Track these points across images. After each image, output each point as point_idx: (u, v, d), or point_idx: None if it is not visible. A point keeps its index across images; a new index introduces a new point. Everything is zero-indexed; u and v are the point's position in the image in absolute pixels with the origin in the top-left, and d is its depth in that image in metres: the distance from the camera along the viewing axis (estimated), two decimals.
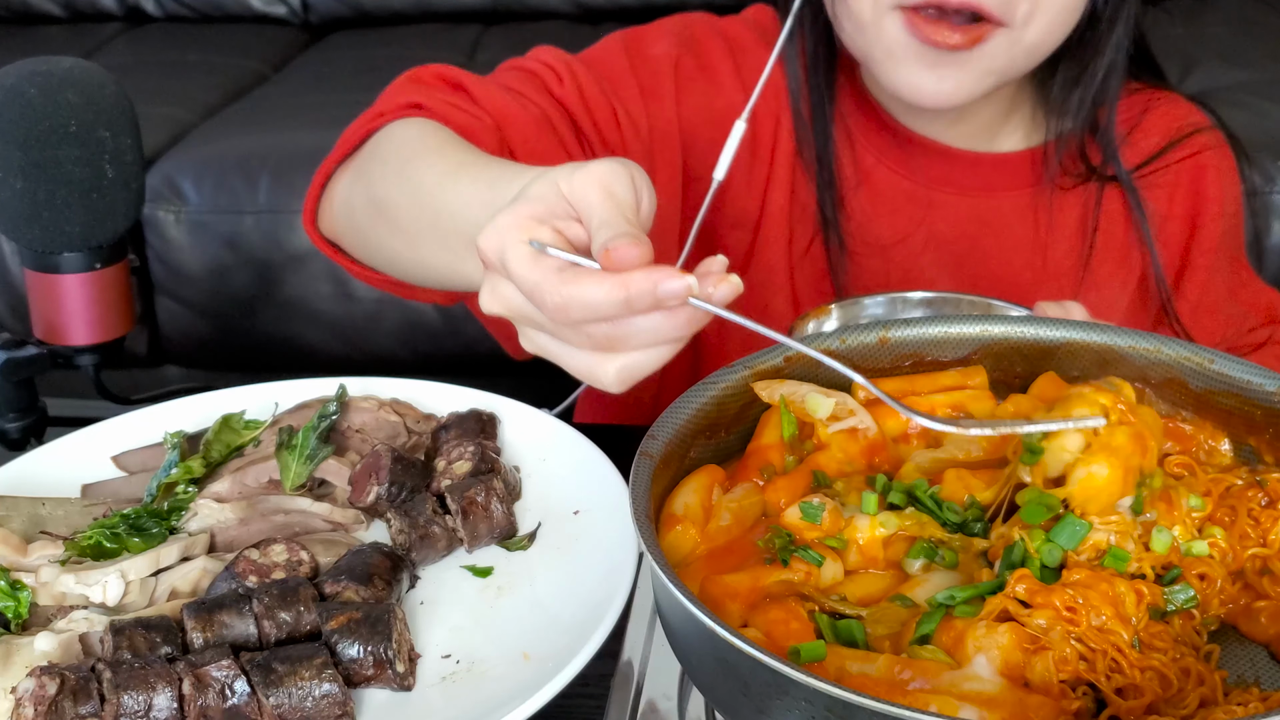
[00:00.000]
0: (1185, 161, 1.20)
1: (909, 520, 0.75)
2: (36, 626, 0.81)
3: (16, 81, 1.05)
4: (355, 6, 2.98)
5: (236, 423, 0.99)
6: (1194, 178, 1.21)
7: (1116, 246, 1.20)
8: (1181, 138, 1.20)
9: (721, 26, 1.22)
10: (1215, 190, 1.21)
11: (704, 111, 1.17)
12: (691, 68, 1.17)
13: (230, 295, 2.24)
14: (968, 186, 1.19)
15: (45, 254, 1.09)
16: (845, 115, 1.20)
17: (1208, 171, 1.21)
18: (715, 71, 1.18)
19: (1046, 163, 1.19)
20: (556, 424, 0.98)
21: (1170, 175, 1.20)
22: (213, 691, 0.72)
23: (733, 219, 1.20)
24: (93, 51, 2.81)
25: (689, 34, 1.20)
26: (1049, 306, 0.97)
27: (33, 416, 1.13)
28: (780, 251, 1.21)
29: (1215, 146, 1.22)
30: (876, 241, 1.20)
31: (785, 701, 0.60)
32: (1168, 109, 1.23)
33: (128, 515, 0.89)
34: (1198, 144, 1.21)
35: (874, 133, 1.20)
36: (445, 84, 1.08)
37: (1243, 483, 0.76)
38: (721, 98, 1.17)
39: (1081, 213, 1.20)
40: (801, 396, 0.83)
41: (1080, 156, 1.19)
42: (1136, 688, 0.65)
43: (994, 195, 1.20)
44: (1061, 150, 1.18)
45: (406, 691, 0.76)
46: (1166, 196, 1.20)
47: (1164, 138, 1.21)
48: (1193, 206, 1.21)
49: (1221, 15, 2.60)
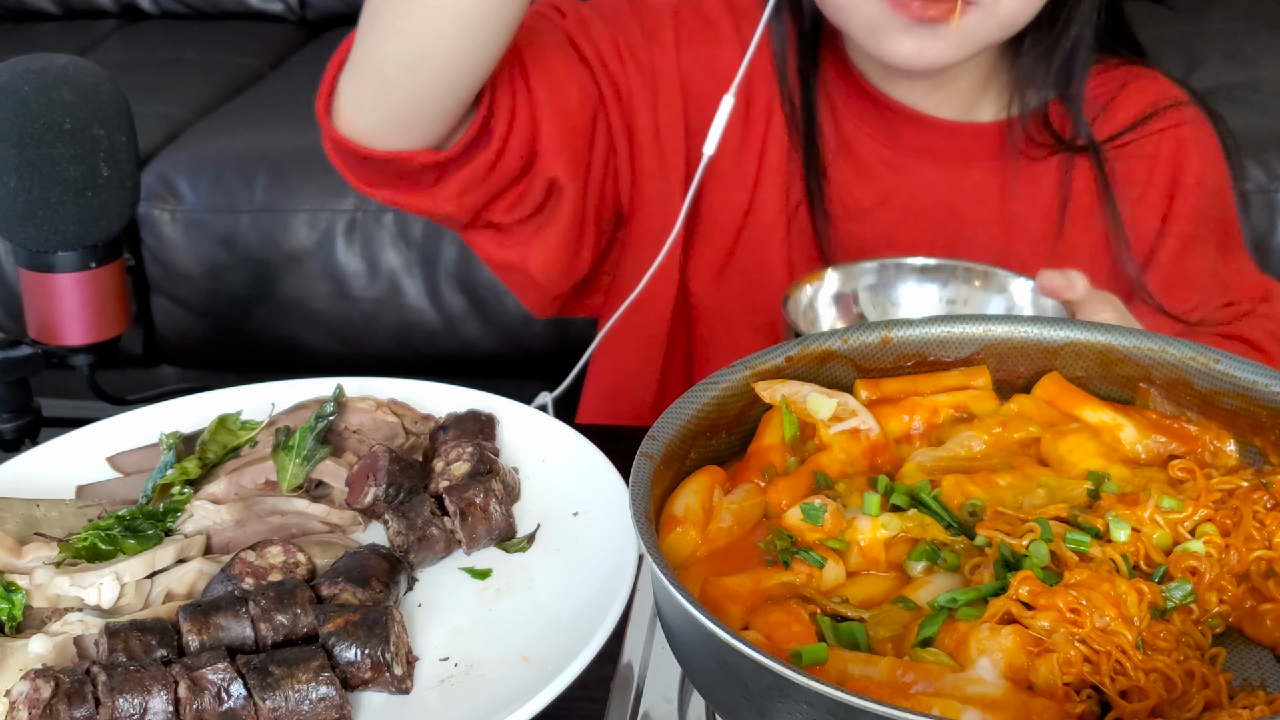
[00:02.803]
0: (1166, 133, 1.23)
1: (911, 522, 0.74)
2: (31, 629, 0.80)
3: (11, 79, 1.04)
4: (352, 3, 2.94)
5: (233, 423, 0.98)
6: (1174, 149, 1.23)
7: (1088, 216, 1.22)
8: (1159, 109, 1.23)
9: None
10: (1195, 163, 1.23)
11: (705, 62, 1.20)
12: (692, 19, 1.21)
13: (226, 295, 2.23)
14: (945, 155, 1.21)
15: (39, 253, 1.08)
16: (828, 83, 1.24)
17: (1187, 144, 1.23)
18: (716, 26, 1.21)
19: (1012, 133, 1.22)
20: (556, 425, 0.98)
21: (1150, 145, 1.23)
22: (209, 694, 0.71)
23: (730, 178, 1.23)
24: (88, 49, 2.80)
25: None
26: (1052, 275, 0.99)
27: (27, 417, 1.12)
28: (777, 210, 1.23)
29: (1195, 121, 1.24)
30: (856, 207, 1.23)
31: (786, 704, 0.60)
32: (1146, 84, 1.25)
33: (123, 517, 0.88)
34: (1177, 117, 1.23)
35: (855, 100, 1.23)
36: None
37: (1248, 485, 0.75)
38: (723, 51, 1.20)
39: (1055, 183, 1.23)
40: (803, 397, 0.82)
41: (1047, 127, 1.22)
42: (1141, 690, 0.65)
43: (970, 164, 1.22)
44: (1028, 121, 1.21)
45: (404, 694, 0.76)
46: (1147, 166, 1.23)
47: (1142, 110, 1.24)
48: (1172, 175, 1.23)
49: (1227, 12, 2.60)
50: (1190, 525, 0.74)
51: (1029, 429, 0.82)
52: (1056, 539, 0.71)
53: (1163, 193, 1.23)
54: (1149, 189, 1.23)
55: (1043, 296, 1.01)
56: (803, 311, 1.03)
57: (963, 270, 1.06)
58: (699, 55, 1.21)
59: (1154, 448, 0.81)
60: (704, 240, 1.25)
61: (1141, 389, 0.85)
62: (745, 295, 1.25)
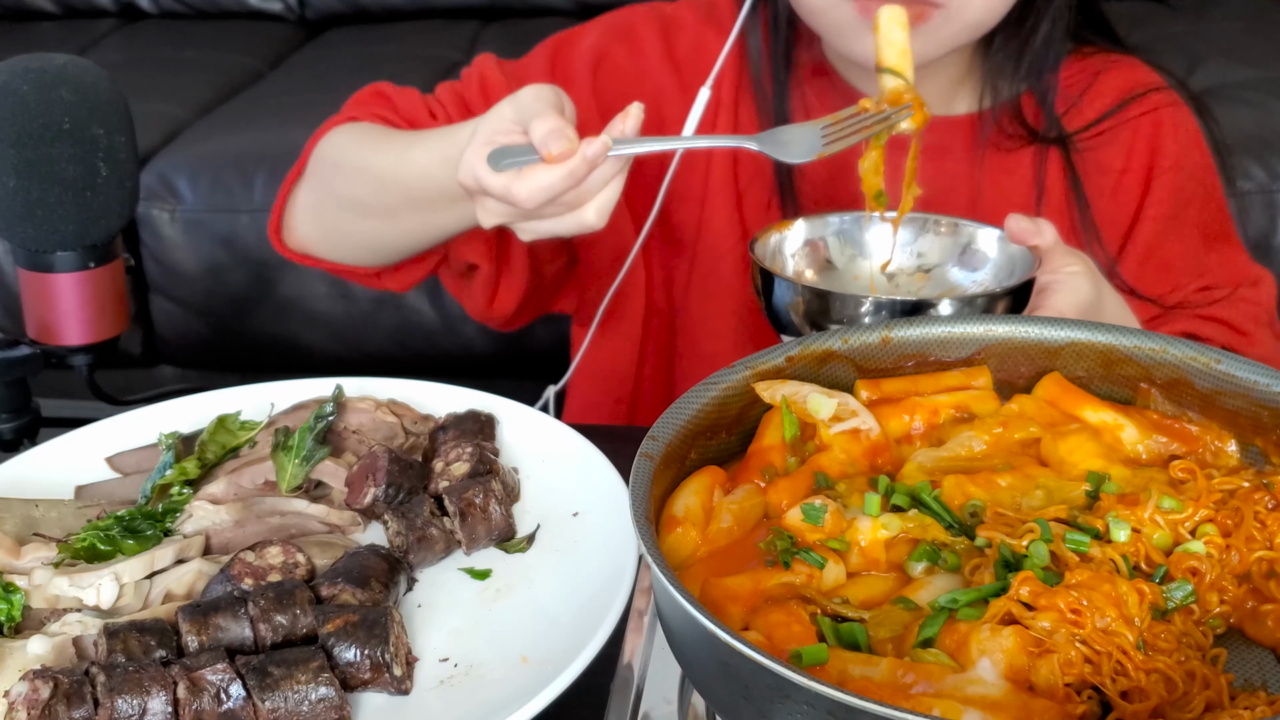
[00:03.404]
0: (1143, 118, 1.24)
1: (911, 522, 0.74)
2: (30, 629, 0.80)
3: (10, 78, 1.04)
4: (352, 3, 2.97)
5: (232, 424, 0.98)
6: (1151, 134, 1.24)
7: (1063, 207, 1.23)
8: (1134, 96, 1.24)
9: (662, 9, 1.29)
10: (1170, 145, 1.23)
11: (623, 96, 1.21)
12: (619, 55, 1.26)
13: (226, 295, 2.23)
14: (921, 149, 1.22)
15: (38, 253, 1.08)
16: (802, 82, 1.25)
17: (1163, 127, 1.24)
18: (642, 55, 1.26)
19: (983, 125, 1.23)
20: (556, 425, 0.98)
21: (1127, 131, 1.23)
22: (208, 695, 0.71)
23: (679, 192, 1.25)
24: (87, 48, 2.80)
25: (624, 23, 1.28)
26: (1020, 219, 0.99)
27: (26, 417, 1.12)
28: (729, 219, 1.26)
29: (1172, 104, 1.25)
30: (832, 204, 1.23)
31: (787, 705, 0.59)
32: (1122, 71, 1.26)
33: (122, 517, 0.88)
34: (1154, 102, 1.24)
35: (830, 99, 1.24)
36: (373, 96, 1.26)
37: (1249, 485, 0.75)
38: (647, 80, 1.25)
39: (1029, 175, 1.24)
40: (803, 397, 0.82)
41: (1019, 119, 1.23)
42: (1142, 691, 0.65)
43: (944, 156, 1.23)
44: (999, 113, 1.23)
45: (404, 695, 0.75)
46: (1123, 152, 1.23)
47: (1117, 98, 1.24)
48: (1148, 160, 1.24)
49: (1228, 12, 2.60)
50: (1191, 526, 0.74)
51: (1030, 429, 0.82)
52: (1056, 539, 0.71)
53: (1139, 178, 1.24)
54: (1125, 175, 1.23)
55: (1011, 244, 1.01)
56: (770, 255, 1.03)
57: (931, 222, 1.07)
58: (618, 90, 1.23)
59: (1155, 448, 0.81)
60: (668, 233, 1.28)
61: (1142, 389, 0.85)
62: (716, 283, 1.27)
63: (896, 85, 1.02)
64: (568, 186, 0.91)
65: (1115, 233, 1.23)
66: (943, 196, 1.22)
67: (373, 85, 1.28)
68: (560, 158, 0.90)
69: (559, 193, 0.91)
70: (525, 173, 0.91)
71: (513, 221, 0.97)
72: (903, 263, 1.07)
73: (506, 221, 0.97)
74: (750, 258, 1.00)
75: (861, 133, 0.99)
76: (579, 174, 0.91)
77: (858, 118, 1.00)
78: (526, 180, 0.91)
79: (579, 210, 0.94)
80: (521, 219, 0.96)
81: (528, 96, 0.96)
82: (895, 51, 1.03)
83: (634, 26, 1.28)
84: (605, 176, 0.93)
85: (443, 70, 2.61)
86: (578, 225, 0.95)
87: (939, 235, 1.06)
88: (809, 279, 1.05)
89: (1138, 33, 1.29)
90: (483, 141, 0.95)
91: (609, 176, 0.93)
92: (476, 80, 1.24)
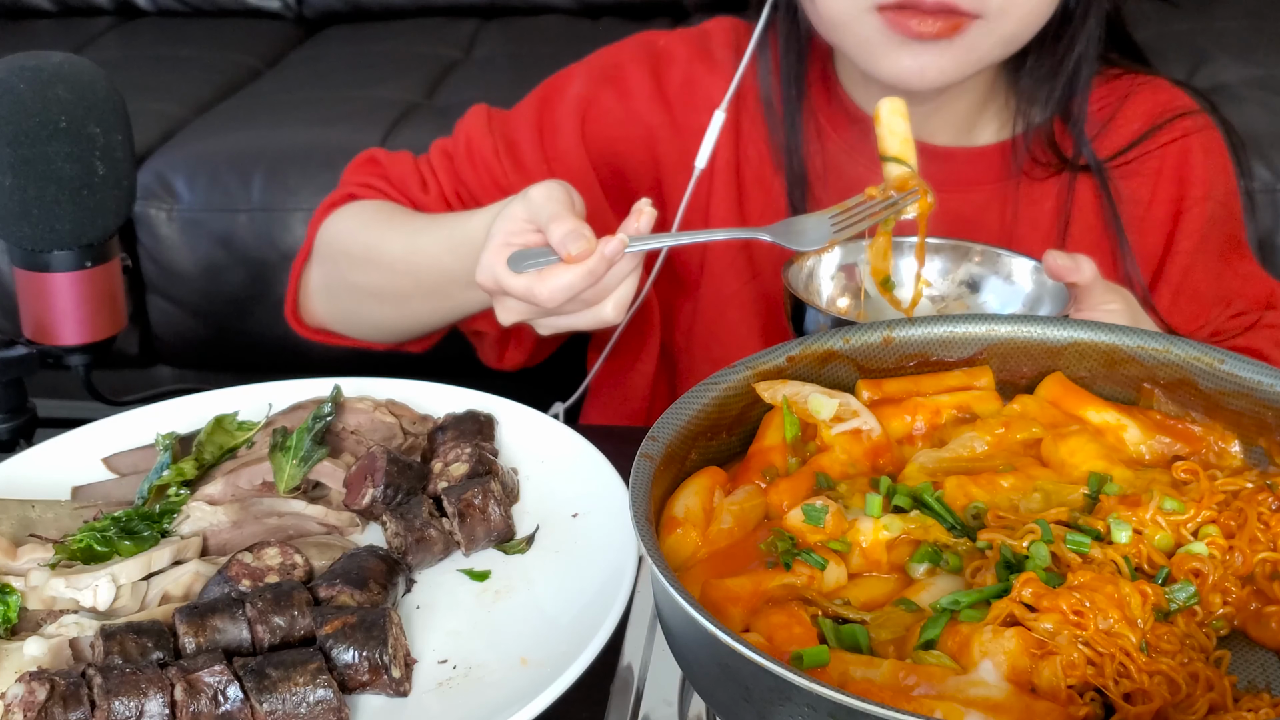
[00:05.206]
0: (1169, 146, 1.21)
1: (913, 523, 0.74)
2: (26, 631, 0.80)
3: (6, 76, 1.04)
4: (350, 0, 2.97)
5: (229, 424, 0.98)
6: (1179, 162, 1.21)
7: (1091, 235, 1.21)
8: (1163, 122, 1.21)
9: (654, 43, 1.29)
10: (1201, 173, 1.21)
11: (612, 141, 1.26)
12: (607, 100, 1.26)
13: (223, 294, 2.23)
14: (941, 181, 1.21)
15: (35, 252, 1.08)
16: (815, 109, 1.24)
17: (1192, 154, 1.21)
18: (631, 98, 1.26)
19: (1016, 154, 1.21)
20: (555, 425, 0.98)
21: (1154, 161, 1.21)
22: (205, 697, 0.71)
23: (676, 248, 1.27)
24: (83, 46, 2.79)
25: (612, 65, 1.28)
26: (1059, 255, 0.98)
27: (22, 417, 1.12)
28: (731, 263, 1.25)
29: (1202, 129, 1.22)
30: None
31: (788, 707, 0.59)
32: (1150, 94, 1.23)
33: (119, 518, 0.88)
34: (1182, 128, 1.21)
35: (844, 127, 1.23)
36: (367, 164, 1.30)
37: (1253, 486, 0.75)
38: (637, 122, 1.26)
39: (1056, 203, 1.21)
40: (804, 397, 0.82)
41: (1051, 147, 1.21)
42: (1145, 693, 0.64)
43: (968, 189, 1.21)
44: (1031, 141, 1.20)
45: (402, 697, 0.75)
46: (1150, 183, 1.21)
47: (1145, 124, 1.21)
48: (1177, 191, 1.21)
49: (1232, 10, 2.59)
50: (1193, 527, 0.73)
51: (1032, 429, 0.82)
52: (1057, 540, 0.70)
53: (1168, 211, 1.21)
54: (1153, 206, 1.20)
55: (1047, 279, 1.01)
56: (804, 280, 1.04)
57: (967, 250, 1.07)
58: (606, 135, 1.24)
59: (1158, 448, 0.81)
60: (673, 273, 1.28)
61: (1145, 389, 0.84)
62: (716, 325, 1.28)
63: (902, 173, 1.02)
64: (587, 284, 0.94)
65: (1145, 268, 1.20)
66: (970, 232, 1.19)
67: (366, 152, 1.30)
68: (579, 257, 0.92)
69: (579, 291, 0.94)
70: (546, 273, 0.93)
71: (533, 319, 1.00)
72: (945, 290, 1.08)
73: (527, 319, 1.00)
74: (783, 283, 1.02)
75: (870, 219, 1.01)
76: (598, 272, 0.93)
77: (865, 205, 1.01)
78: (548, 281, 0.94)
79: (597, 306, 0.97)
80: (541, 315, 0.99)
81: (539, 196, 0.98)
82: (898, 140, 1.03)
83: (621, 67, 1.27)
84: (622, 273, 0.95)
85: (441, 69, 2.61)
86: (596, 320, 0.98)
87: (973, 264, 1.07)
88: (841, 309, 1.06)
89: (1141, 31, 1.27)
90: (499, 244, 0.97)
91: (625, 273, 0.96)
92: (464, 143, 1.26)
